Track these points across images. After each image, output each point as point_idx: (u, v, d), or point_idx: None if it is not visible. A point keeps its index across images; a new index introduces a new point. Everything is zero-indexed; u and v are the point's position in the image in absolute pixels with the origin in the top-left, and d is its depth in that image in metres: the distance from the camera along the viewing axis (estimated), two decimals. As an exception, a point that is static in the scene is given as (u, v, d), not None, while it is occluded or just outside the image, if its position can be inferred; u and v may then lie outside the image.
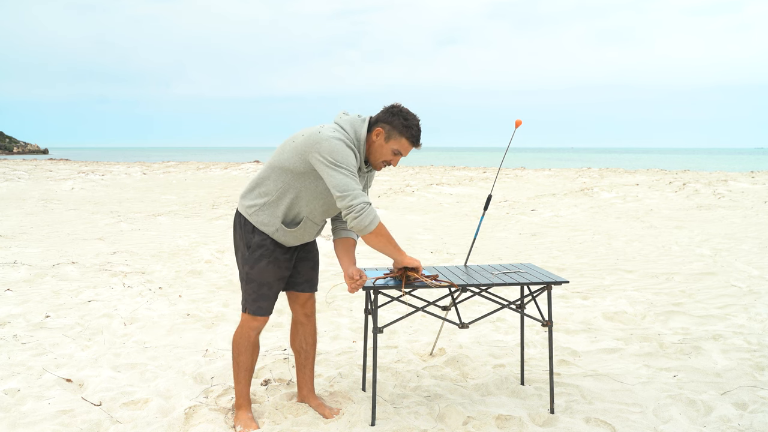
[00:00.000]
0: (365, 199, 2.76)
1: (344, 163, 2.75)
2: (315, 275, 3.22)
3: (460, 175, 24.13)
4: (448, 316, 4.86)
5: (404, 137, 2.86)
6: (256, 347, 3.11)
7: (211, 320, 4.87)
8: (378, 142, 2.88)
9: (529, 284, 3.10)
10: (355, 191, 2.73)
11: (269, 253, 2.96)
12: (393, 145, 2.87)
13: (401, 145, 2.87)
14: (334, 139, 2.77)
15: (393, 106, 2.90)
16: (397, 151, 2.88)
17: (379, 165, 2.93)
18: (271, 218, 2.92)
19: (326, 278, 6.32)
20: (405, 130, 2.85)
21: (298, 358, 3.30)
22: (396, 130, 2.85)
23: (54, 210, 12.80)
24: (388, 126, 2.86)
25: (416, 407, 3.26)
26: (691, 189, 16.51)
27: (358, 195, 2.73)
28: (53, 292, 5.66)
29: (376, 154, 2.90)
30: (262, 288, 2.99)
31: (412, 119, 2.87)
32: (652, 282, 6.25)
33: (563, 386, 3.54)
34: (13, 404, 3.29)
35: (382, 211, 12.70)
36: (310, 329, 3.27)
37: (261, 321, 3.06)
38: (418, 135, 2.89)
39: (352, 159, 2.78)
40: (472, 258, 7.21)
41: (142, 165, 32.58)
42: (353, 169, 2.78)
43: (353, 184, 2.74)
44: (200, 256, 7.33)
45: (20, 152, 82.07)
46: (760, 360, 3.93)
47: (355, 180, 2.77)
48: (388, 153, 2.88)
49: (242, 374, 3.10)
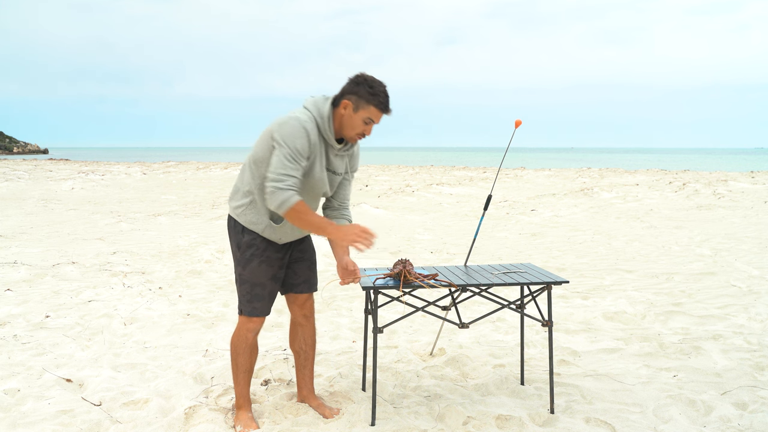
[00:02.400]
0: (281, 185, 2.70)
1: (288, 144, 2.72)
2: (312, 275, 3.20)
3: (460, 175, 24.14)
4: (448, 316, 4.86)
5: (372, 105, 2.80)
6: (254, 349, 3.10)
7: (211, 320, 4.87)
8: (347, 114, 2.82)
9: (529, 284, 3.10)
10: (279, 174, 2.70)
11: (260, 253, 2.94)
12: (362, 115, 2.81)
13: (371, 113, 2.81)
14: (292, 119, 2.76)
15: (357, 75, 2.84)
16: (367, 119, 2.82)
17: (354, 138, 2.87)
18: (258, 216, 2.91)
19: (326, 278, 6.32)
20: (372, 97, 2.79)
21: (297, 359, 3.30)
22: (363, 99, 2.80)
23: (54, 210, 12.80)
24: (355, 96, 2.81)
25: (416, 407, 3.26)
26: (691, 189, 16.51)
27: (278, 178, 2.70)
28: (53, 292, 5.66)
29: (348, 127, 2.85)
30: (255, 288, 2.97)
31: (377, 86, 2.81)
32: (652, 282, 6.25)
33: (563, 386, 3.54)
34: (13, 404, 3.29)
35: (382, 211, 12.70)
36: (309, 330, 3.26)
37: (257, 322, 3.03)
38: (386, 101, 2.82)
39: (300, 141, 2.74)
40: (472, 258, 7.21)
41: (142, 165, 32.58)
42: (296, 152, 2.73)
43: (282, 168, 2.70)
44: (200, 256, 7.33)
45: (20, 152, 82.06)
46: (760, 360, 3.93)
47: (290, 163, 2.72)
48: (359, 123, 2.83)
49: (241, 376, 3.09)
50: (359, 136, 2.87)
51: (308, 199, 2.94)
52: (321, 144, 2.86)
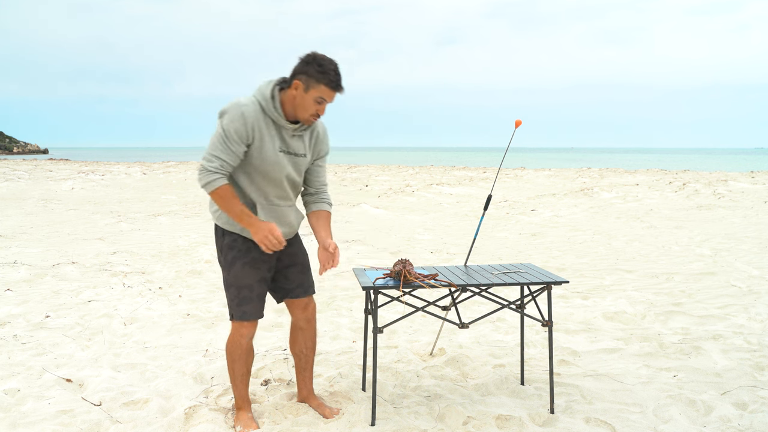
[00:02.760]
0: (208, 166, 2.73)
1: (223, 127, 2.75)
2: (306, 278, 3.15)
3: (460, 175, 24.14)
4: (448, 316, 4.86)
5: (322, 84, 2.76)
6: (250, 353, 3.06)
7: (211, 320, 4.87)
8: (299, 94, 2.79)
9: (529, 284, 3.10)
10: (208, 155, 2.74)
11: (242, 255, 2.91)
12: (314, 94, 2.77)
13: (322, 92, 2.77)
14: (231, 105, 2.77)
15: (307, 55, 2.80)
16: (319, 99, 2.78)
17: (308, 119, 2.84)
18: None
19: (326, 278, 6.33)
20: (322, 76, 2.75)
21: (298, 362, 3.27)
22: (313, 78, 2.76)
23: (54, 210, 12.80)
24: (305, 76, 2.77)
25: (416, 407, 3.26)
26: (691, 189, 16.51)
27: (207, 158, 2.75)
28: (53, 292, 5.66)
29: (300, 108, 2.81)
30: (242, 291, 2.92)
31: (327, 64, 2.76)
32: (652, 282, 6.25)
33: (563, 386, 3.54)
34: (13, 404, 3.29)
35: (382, 211, 12.71)
36: (311, 333, 3.23)
37: (250, 327, 2.98)
38: (337, 79, 2.76)
39: (234, 125, 2.74)
40: (472, 258, 7.21)
41: (142, 165, 32.57)
42: (230, 134, 2.74)
43: (214, 149, 2.74)
44: (200, 256, 7.33)
45: (20, 152, 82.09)
46: (760, 360, 3.93)
47: (221, 145, 2.74)
48: (311, 103, 2.79)
49: (239, 380, 3.07)
50: (313, 116, 2.83)
51: (271, 185, 2.90)
52: (270, 126, 2.83)
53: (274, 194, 2.93)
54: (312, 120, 2.85)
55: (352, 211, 12.61)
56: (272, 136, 2.84)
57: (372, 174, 25.64)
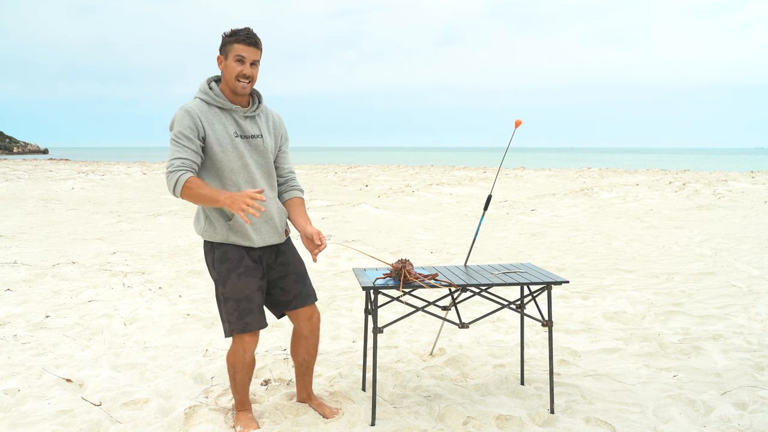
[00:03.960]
0: (170, 169, 2.77)
1: (174, 132, 2.81)
2: (304, 287, 3.09)
3: (460, 175, 24.14)
4: (448, 316, 4.86)
5: (235, 43, 2.83)
6: (252, 364, 3.04)
7: (211, 320, 4.87)
8: (223, 65, 2.89)
9: (529, 284, 3.10)
10: (168, 162, 2.79)
11: (236, 265, 2.88)
12: (232, 57, 2.84)
13: (237, 50, 2.83)
14: (176, 111, 2.86)
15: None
16: (238, 56, 2.83)
17: (239, 85, 2.85)
18: (214, 223, 2.89)
19: (326, 278, 6.33)
20: (233, 37, 2.84)
21: (298, 368, 3.25)
22: (227, 44, 2.86)
23: (54, 210, 12.80)
24: (222, 47, 2.89)
25: (416, 407, 3.26)
26: (691, 189, 16.51)
27: (168, 165, 2.79)
28: (53, 292, 5.66)
29: (228, 77, 2.87)
30: (242, 303, 2.88)
31: (237, 28, 2.86)
32: (652, 282, 6.25)
33: (563, 386, 3.54)
34: (13, 404, 3.29)
35: (382, 211, 12.70)
36: (314, 342, 3.19)
37: (252, 338, 2.94)
38: (247, 34, 2.84)
39: (182, 122, 2.80)
40: (472, 258, 7.21)
41: (142, 165, 32.58)
42: (179, 134, 2.79)
43: (170, 155, 2.79)
44: (200, 256, 7.33)
45: (20, 152, 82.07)
46: (760, 360, 3.93)
47: (175, 146, 2.78)
48: (233, 66, 2.84)
49: (239, 387, 3.07)
50: (242, 78, 2.86)
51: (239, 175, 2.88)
52: (218, 114, 2.88)
53: (247, 186, 2.89)
54: (243, 84, 2.86)
55: (352, 211, 12.62)
56: (223, 123, 2.88)
57: (372, 174, 25.64)
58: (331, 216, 11.83)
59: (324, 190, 17.91)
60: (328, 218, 11.54)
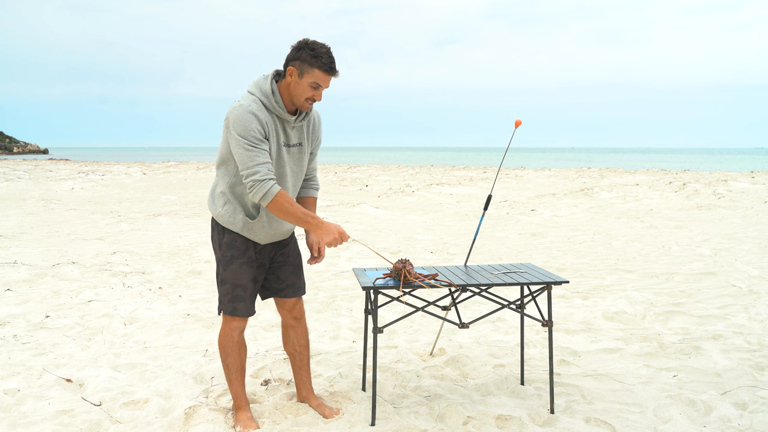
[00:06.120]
0: (257, 177, 2.71)
1: (243, 135, 2.73)
2: (298, 279, 3.17)
3: (460, 175, 24.13)
4: (448, 316, 4.86)
5: (316, 68, 2.76)
6: (242, 346, 3.09)
7: (211, 320, 4.87)
8: (293, 81, 2.80)
9: (529, 284, 3.10)
10: (251, 168, 2.72)
11: (241, 254, 2.94)
12: (308, 80, 2.78)
13: (316, 77, 2.78)
14: (236, 109, 2.76)
15: (299, 41, 2.81)
16: (314, 84, 2.79)
17: (305, 105, 2.83)
18: (234, 215, 2.91)
19: (326, 278, 6.33)
20: (315, 60, 2.75)
21: (293, 361, 3.29)
22: (306, 63, 2.77)
23: (54, 210, 12.80)
24: (298, 62, 2.78)
25: (416, 407, 3.26)
26: (691, 189, 16.50)
27: (252, 171, 2.72)
28: (53, 292, 5.66)
29: (296, 94, 2.82)
30: (237, 289, 2.97)
31: (320, 48, 2.77)
32: (652, 282, 6.25)
33: (563, 386, 3.54)
34: (13, 404, 3.29)
35: (382, 211, 12.71)
36: (301, 331, 3.25)
37: (240, 321, 3.04)
38: (330, 62, 2.77)
39: (252, 126, 2.74)
40: (472, 258, 7.21)
41: (142, 165, 32.57)
42: (253, 139, 2.73)
43: (249, 160, 2.72)
44: (200, 256, 7.32)
45: (20, 152, 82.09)
46: (760, 360, 3.93)
47: (255, 151, 2.72)
48: (306, 89, 2.80)
49: (234, 375, 3.09)
50: (309, 101, 2.83)
51: (281, 182, 2.91)
52: (274, 121, 2.84)
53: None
54: (308, 106, 2.85)
55: (352, 211, 12.62)
56: (277, 131, 2.86)
57: (372, 174, 25.63)
58: (332, 216, 11.83)
59: (324, 190, 17.90)
60: (328, 218, 11.54)
